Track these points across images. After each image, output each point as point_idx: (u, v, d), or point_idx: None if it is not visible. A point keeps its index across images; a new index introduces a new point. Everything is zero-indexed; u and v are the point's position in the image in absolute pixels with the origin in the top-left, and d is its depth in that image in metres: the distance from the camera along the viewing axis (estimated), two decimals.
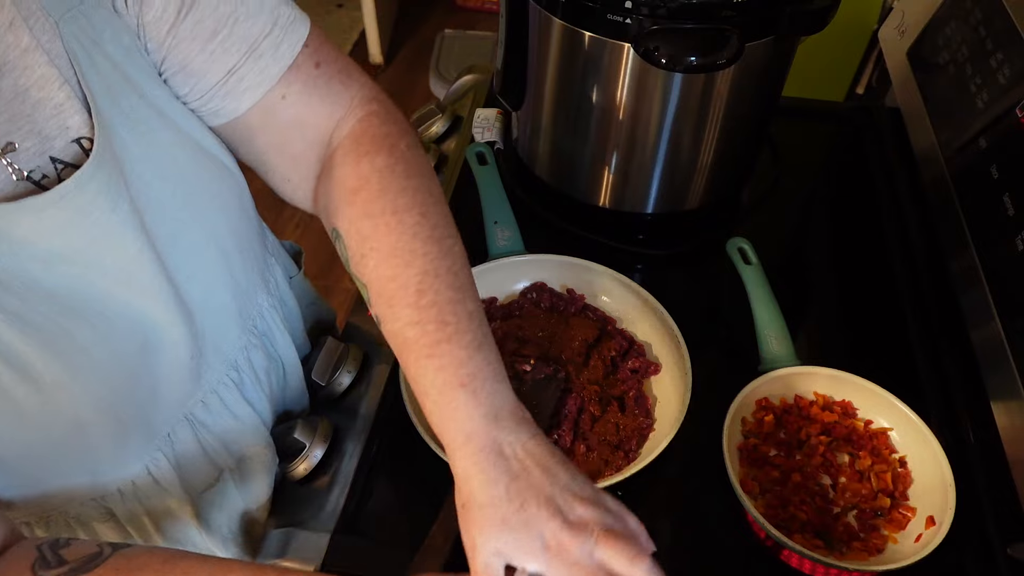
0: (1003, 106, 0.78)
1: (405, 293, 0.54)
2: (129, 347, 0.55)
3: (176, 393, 0.62)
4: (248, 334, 0.70)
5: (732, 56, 0.74)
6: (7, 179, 0.46)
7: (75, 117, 0.48)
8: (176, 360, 0.60)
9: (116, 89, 0.50)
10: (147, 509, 0.65)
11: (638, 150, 0.89)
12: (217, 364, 0.66)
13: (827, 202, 1.10)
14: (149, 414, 0.61)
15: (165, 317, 0.57)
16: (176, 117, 0.55)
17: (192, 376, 0.63)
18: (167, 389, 0.61)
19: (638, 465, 0.71)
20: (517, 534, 0.50)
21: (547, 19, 0.83)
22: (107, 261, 0.51)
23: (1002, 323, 0.71)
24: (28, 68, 0.45)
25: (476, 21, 3.10)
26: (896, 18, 1.10)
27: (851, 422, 0.77)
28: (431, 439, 0.71)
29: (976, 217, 0.79)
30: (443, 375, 0.53)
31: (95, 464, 0.59)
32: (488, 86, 1.20)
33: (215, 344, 0.65)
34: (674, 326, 0.80)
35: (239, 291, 0.67)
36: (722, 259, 0.90)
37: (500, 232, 0.93)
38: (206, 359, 0.64)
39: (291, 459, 0.74)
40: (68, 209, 0.47)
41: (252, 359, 0.71)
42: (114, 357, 0.54)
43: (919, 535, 0.69)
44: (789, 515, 0.70)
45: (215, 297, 0.63)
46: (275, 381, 0.76)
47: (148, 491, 0.64)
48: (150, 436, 0.62)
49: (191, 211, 0.58)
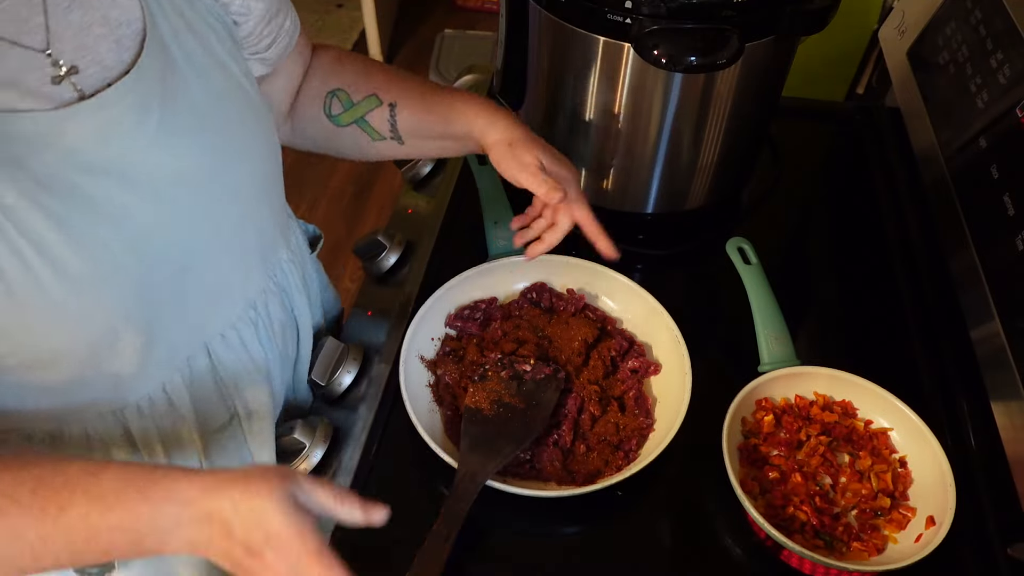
0: (1003, 106, 0.78)
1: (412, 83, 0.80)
2: (161, 264, 0.59)
3: (198, 318, 0.66)
4: (268, 280, 0.74)
5: (732, 56, 0.74)
6: (71, 96, 0.52)
7: (133, 51, 0.55)
8: (202, 285, 0.64)
9: (179, 32, 0.58)
10: (160, 432, 0.68)
11: (638, 150, 0.89)
12: (238, 300, 0.71)
13: (827, 202, 1.10)
14: (172, 333, 0.64)
15: (195, 243, 0.62)
16: (225, 59, 0.62)
17: (214, 305, 0.68)
18: (191, 312, 0.65)
19: (638, 465, 0.71)
20: None
21: (547, 19, 0.83)
22: (141, 177, 0.56)
23: (1002, 323, 0.71)
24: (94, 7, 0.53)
25: (476, 21, 3.10)
26: (896, 18, 1.10)
27: (851, 422, 0.77)
28: (431, 439, 0.71)
29: (976, 217, 0.79)
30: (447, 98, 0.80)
31: (118, 375, 0.62)
32: (488, 86, 1.20)
33: (238, 279, 0.70)
34: (674, 326, 0.80)
35: (263, 236, 0.72)
36: (722, 259, 0.90)
37: (500, 232, 0.93)
38: (229, 292, 0.69)
39: (291, 459, 0.74)
40: (103, 117, 0.53)
41: (270, 308, 0.74)
42: (146, 271, 0.58)
43: (919, 535, 0.69)
44: (789, 515, 0.70)
45: (243, 234, 0.68)
46: (290, 343, 0.79)
47: (162, 412, 0.67)
48: (171, 356, 0.66)
49: (230, 148, 0.63)
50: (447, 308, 0.85)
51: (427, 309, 0.82)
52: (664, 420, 0.76)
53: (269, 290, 0.74)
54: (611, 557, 0.70)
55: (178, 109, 0.57)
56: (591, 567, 0.70)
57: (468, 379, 0.78)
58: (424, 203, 1.01)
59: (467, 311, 0.85)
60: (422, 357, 0.81)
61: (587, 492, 0.69)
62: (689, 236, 0.99)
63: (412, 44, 3.03)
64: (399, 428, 0.77)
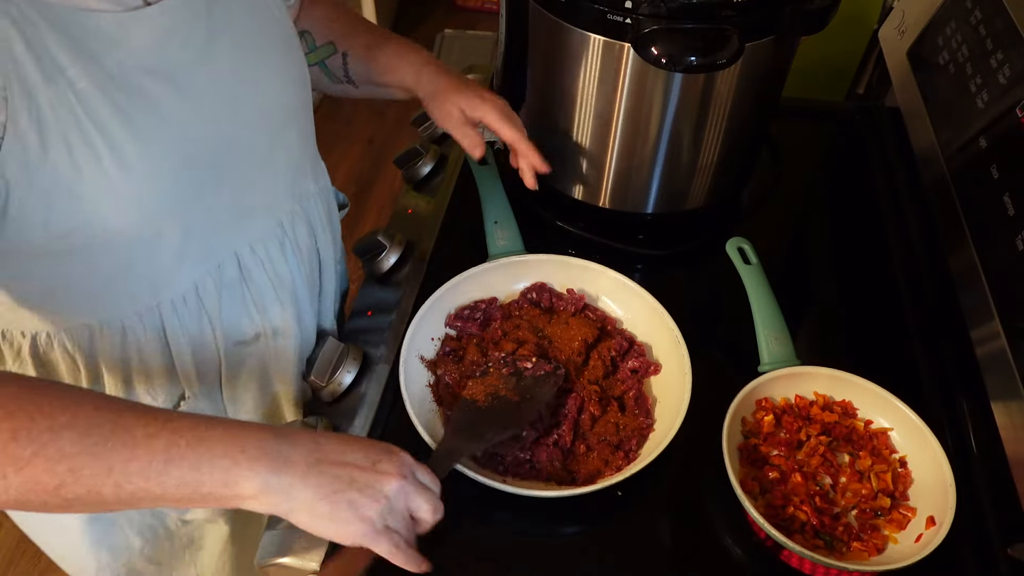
0: (1003, 106, 0.78)
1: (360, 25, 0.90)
2: (200, 167, 0.65)
3: (229, 225, 0.72)
4: (295, 204, 0.79)
5: (732, 56, 0.74)
6: (136, 3, 0.58)
7: None
8: (233, 194, 0.70)
9: None
10: (189, 335, 0.73)
11: (638, 150, 0.89)
12: (267, 216, 0.76)
13: (827, 202, 1.10)
14: (206, 235, 0.69)
15: (230, 154, 0.67)
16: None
17: (244, 215, 0.73)
18: (223, 218, 0.70)
19: (638, 465, 0.71)
20: None
21: (547, 19, 0.83)
22: (190, 86, 0.62)
23: (1002, 323, 0.71)
24: None
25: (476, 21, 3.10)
26: (896, 18, 1.10)
27: (851, 422, 0.77)
28: (431, 439, 0.71)
29: (976, 217, 0.79)
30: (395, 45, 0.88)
31: (157, 269, 0.68)
32: (488, 86, 1.20)
33: (266, 196, 0.74)
34: (674, 326, 0.80)
35: (291, 161, 0.77)
36: (722, 259, 0.90)
37: (500, 232, 0.93)
38: (258, 206, 0.74)
39: None
40: (161, 25, 0.59)
41: (296, 231, 0.79)
42: (187, 172, 0.64)
43: (919, 535, 0.69)
44: (789, 515, 0.70)
45: (272, 155, 0.73)
46: (315, 271, 0.84)
47: (193, 312, 0.72)
48: (204, 257, 0.71)
49: (265, 70, 0.69)
50: (447, 308, 0.85)
51: (427, 309, 0.82)
52: (664, 420, 0.76)
53: (296, 213, 0.79)
54: (611, 557, 0.70)
55: (221, 29, 0.64)
56: (591, 567, 0.70)
57: (469, 378, 0.78)
58: (424, 203, 1.01)
59: (467, 311, 0.85)
60: (422, 357, 0.81)
61: (587, 492, 0.69)
62: (689, 236, 0.99)
63: None
64: (399, 428, 0.77)
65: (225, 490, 0.54)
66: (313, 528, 0.57)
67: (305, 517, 0.56)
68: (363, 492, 0.57)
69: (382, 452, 0.60)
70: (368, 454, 0.60)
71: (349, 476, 0.57)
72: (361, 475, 0.58)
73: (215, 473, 0.53)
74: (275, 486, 0.55)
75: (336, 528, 0.57)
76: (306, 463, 0.56)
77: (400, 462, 0.61)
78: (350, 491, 0.57)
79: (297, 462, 0.56)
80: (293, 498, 0.55)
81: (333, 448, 0.59)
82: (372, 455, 0.60)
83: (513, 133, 0.85)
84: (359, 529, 0.57)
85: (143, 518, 0.85)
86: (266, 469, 0.54)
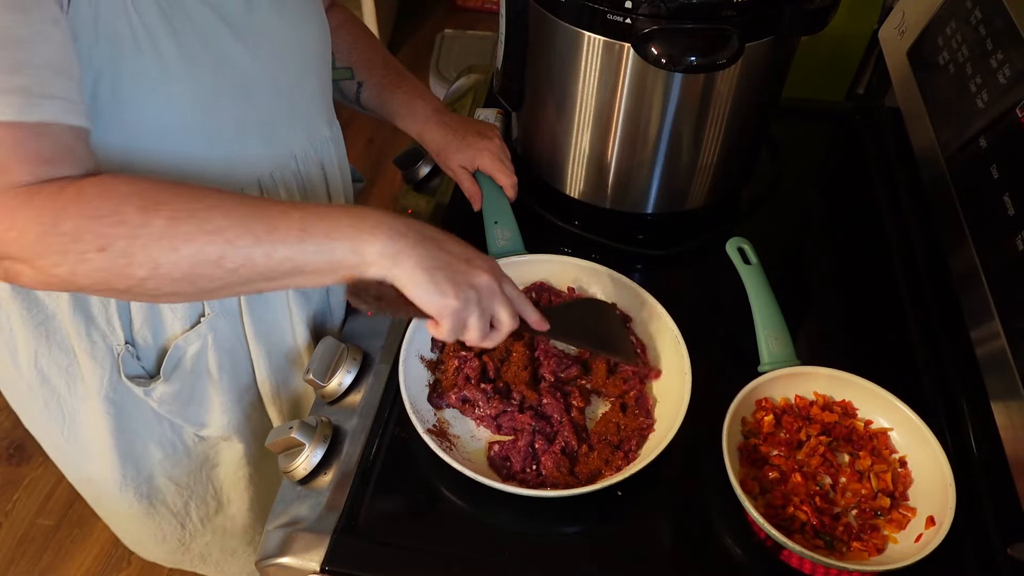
0: (1003, 106, 0.78)
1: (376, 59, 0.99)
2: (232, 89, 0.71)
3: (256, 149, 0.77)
4: (309, 145, 0.84)
5: (732, 56, 0.74)
6: None
7: None
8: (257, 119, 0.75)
9: None
10: None
11: (638, 150, 0.89)
12: (283, 146, 0.80)
13: (827, 202, 1.10)
14: (233, 155, 0.75)
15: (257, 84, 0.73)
16: None
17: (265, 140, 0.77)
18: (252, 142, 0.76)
19: (638, 465, 0.71)
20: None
21: (547, 19, 0.83)
22: (238, 10, 0.68)
23: (1002, 323, 0.71)
24: None
25: (476, 21, 3.10)
26: (896, 18, 1.10)
27: (851, 422, 0.77)
28: (431, 439, 0.71)
29: (976, 217, 0.79)
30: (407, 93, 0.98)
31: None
32: (488, 86, 1.20)
33: (285, 128, 0.80)
34: (674, 326, 0.80)
35: (307, 105, 0.82)
36: (722, 259, 0.90)
37: (500, 232, 0.93)
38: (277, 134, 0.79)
39: (291, 459, 0.74)
40: None
41: (309, 168, 0.85)
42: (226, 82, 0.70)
43: (919, 535, 0.69)
44: (789, 515, 0.70)
45: (291, 94, 0.78)
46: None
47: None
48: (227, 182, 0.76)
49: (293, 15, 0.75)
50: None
51: None
52: (664, 420, 0.76)
53: (309, 153, 0.84)
54: (611, 557, 0.70)
55: None
56: (591, 567, 0.70)
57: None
58: (424, 203, 1.01)
59: None
60: (422, 357, 0.81)
61: (587, 492, 0.69)
62: (689, 236, 0.99)
63: (412, 44, 3.03)
64: (399, 428, 0.77)
65: (353, 256, 0.61)
66: (408, 291, 0.62)
67: (405, 281, 0.62)
68: (457, 274, 0.63)
69: (478, 253, 0.67)
70: (466, 251, 0.66)
71: (447, 259, 0.63)
72: (458, 263, 0.64)
73: (344, 240, 0.60)
74: (389, 251, 0.61)
75: (427, 296, 0.62)
76: (416, 238, 0.62)
77: (493, 265, 0.67)
78: (447, 270, 0.63)
79: (408, 235, 0.62)
80: (399, 264, 0.61)
81: (437, 234, 0.65)
82: (469, 252, 0.66)
83: (506, 178, 0.97)
84: (446, 303, 0.62)
85: (163, 430, 0.90)
86: (384, 235, 0.61)
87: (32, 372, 0.83)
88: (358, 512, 0.72)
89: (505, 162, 0.98)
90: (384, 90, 0.97)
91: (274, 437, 0.76)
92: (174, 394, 0.85)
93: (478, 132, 0.98)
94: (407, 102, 0.97)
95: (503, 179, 0.97)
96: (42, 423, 0.89)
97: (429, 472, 0.74)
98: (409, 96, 0.98)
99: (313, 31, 0.80)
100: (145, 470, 0.92)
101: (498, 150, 0.98)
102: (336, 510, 0.71)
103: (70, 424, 0.87)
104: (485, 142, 0.97)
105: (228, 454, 0.96)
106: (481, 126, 1.00)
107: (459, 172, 0.97)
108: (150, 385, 0.83)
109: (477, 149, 0.96)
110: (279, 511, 0.73)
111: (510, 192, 0.97)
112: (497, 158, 0.97)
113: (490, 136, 0.98)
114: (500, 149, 0.98)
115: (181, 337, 0.82)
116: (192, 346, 0.83)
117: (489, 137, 0.98)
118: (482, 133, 0.98)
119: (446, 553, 0.70)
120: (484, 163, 0.96)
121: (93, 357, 0.80)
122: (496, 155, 0.97)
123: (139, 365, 0.83)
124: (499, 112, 1.10)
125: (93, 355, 0.80)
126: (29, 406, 0.88)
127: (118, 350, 0.81)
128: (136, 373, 0.83)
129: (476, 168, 0.97)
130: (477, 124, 1.00)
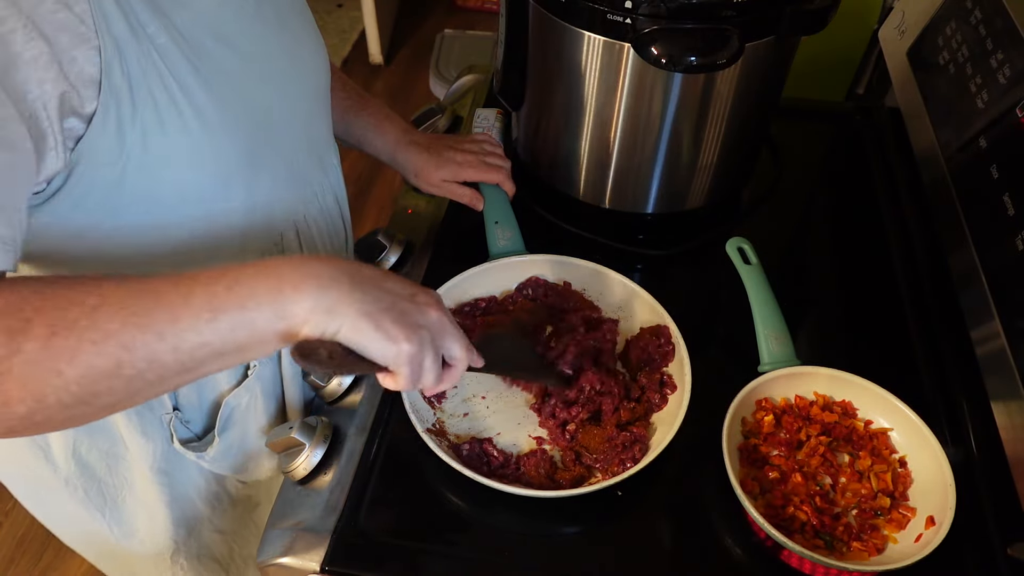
0: (1003, 106, 0.78)
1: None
2: (266, 123, 0.70)
3: (287, 188, 0.75)
4: (324, 177, 0.83)
5: (732, 56, 0.74)
6: None
7: None
8: (288, 158, 0.74)
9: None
10: None
11: (638, 150, 0.89)
12: (306, 188, 0.79)
13: (827, 202, 1.10)
14: (271, 199, 0.73)
15: (278, 124, 0.71)
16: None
17: (296, 183, 0.77)
18: (283, 181, 0.74)
19: (638, 465, 0.71)
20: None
21: (547, 19, 0.83)
22: (251, 48, 0.66)
23: (1002, 323, 0.71)
24: None
25: (476, 21, 3.11)
26: (896, 18, 1.10)
27: (851, 422, 0.77)
28: (431, 439, 0.71)
29: (976, 217, 0.79)
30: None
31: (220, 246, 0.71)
32: (488, 86, 1.20)
33: (307, 165, 0.79)
34: (674, 326, 0.80)
35: (320, 139, 0.81)
36: (722, 259, 0.90)
37: (500, 232, 0.93)
38: (302, 175, 0.78)
39: (291, 459, 0.74)
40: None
41: (325, 200, 0.83)
42: (258, 126, 0.69)
43: (919, 535, 0.69)
44: (789, 515, 0.70)
45: (307, 129, 0.78)
46: (342, 240, 0.90)
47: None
48: (267, 229, 0.74)
49: (301, 52, 0.75)
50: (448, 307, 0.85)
51: None
52: (664, 420, 0.76)
53: (324, 185, 0.83)
54: (611, 557, 0.70)
55: (267, 7, 0.69)
56: (591, 567, 0.70)
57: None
58: (424, 203, 1.01)
59: (468, 308, 0.85)
60: None
61: (587, 492, 0.69)
62: (689, 236, 0.99)
63: (412, 44, 3.04)
64: (399, 428, 0.77)
65: (279, 323, 0.53)
66: (354, 344, 0.55)
67: (348, 333, 0.54)
68: (404, 315, 0.56)
69: (418, 287, 0.60)
70: (406, 286, 0.59)
71: (391, 300, 0.56)
72: (402, 302, 0.57)
73: (263, 307, 0.52)
74: (323, 305, 0.53)
75: (376, 345, 0.55)
76: (350, 282, 0.55)
77: (438, 298, 0.61)
78: (393, 311, 0.56)
79: (341, 281, 0.55)
80: (337, 315, 0.54)
81: (372, 273, 0.58)
82: (409, 288, 0.59)
83: (497, 176, 0.95)
84: (399, 349, 0.55)
85: (208, 486, 0.89)
86: (312, 287, 0.53)
87: (70, 465, 0.80)
88: (358, 512, 0.72)
89: (489, 161, 0.96)
90: (348, 113, 0.93)
91: (274, 437, 0.76)
92: (224, 450, 0.83)
93: (449, 146, 0.97)
94: (375, 124, 0.94)
95: (494, 178, 0.95)
96: (76, 516, 0.86)
97: (429, 472, 0.74)
98: (376, 118, 0.94)
99: (319, 58, 0.79)
100: (195, 530, 0.90)
101: (475, 159, 0.96)
102: (336, 510, 0.71)
103: (112, 508, 0.85)
104: (462, 155, 0.96)
105: (268, 492, 0.94)
106: (451, 139, 0.99)
107: (444, 186, 0.95)
108: (204, 449, 0.81)
109: (457, 164, 0.95)
110: (279, 511, 0.73)
111: (507, 186, 0.96)
112: (480, 165, 0.95)
113: (465, 148, 0.97)
114: (477, 154, 0.96)
115: (231, 394, 0.80)
116: (242, 400, 0.81)
117: (463, 149, 0.96)
118: (454, 147, 0.97)
119: (446, 553, 0.70)
120: (470, 175, 0.95)
121: (143, 433, 0.78)
122: (477, 164, 0.95)
123: (187, 428, 0.82)
124: (499, 112, 1.10)
125: (143, 430, 0.78)
126: (61, 504, 0.85)
127: (167, 419, 0.79)
128: (187, 437, 0.82)
129: (463, 180, 0.96)
130: (445, 138, 1.00)
